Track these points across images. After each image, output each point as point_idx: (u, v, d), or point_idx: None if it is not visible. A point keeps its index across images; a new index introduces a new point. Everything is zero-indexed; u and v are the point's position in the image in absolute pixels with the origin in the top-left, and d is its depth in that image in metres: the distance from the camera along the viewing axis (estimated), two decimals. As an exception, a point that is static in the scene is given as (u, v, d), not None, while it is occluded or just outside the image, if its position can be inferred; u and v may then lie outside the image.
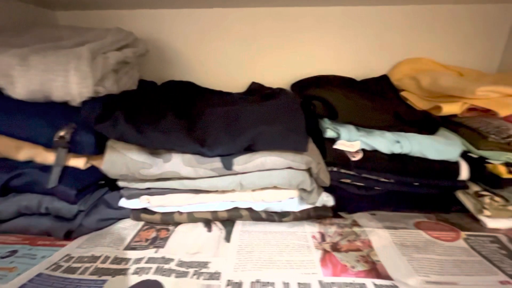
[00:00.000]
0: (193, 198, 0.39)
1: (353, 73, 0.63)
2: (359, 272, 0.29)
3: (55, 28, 0.50)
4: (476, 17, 0.60)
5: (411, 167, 0.39)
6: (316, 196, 0.38)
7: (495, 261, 0.31)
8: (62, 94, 0.36)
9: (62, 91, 0.36)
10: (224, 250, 0.33)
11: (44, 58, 0.35)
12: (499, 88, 0.39)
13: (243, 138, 0.34)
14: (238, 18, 0.63)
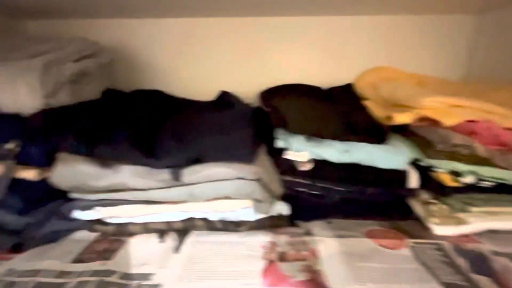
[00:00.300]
0: (146, 209, 0.39)
1: (321, 81, 0.64)
2: (298, 282, 0.29)
3: (13, 38, 0.50)
4: (438, 27, 0.62)
5: (360, 176, 0.40)
6: (268, 205, 0.38)
7: (432, 268, 0.31)
8: (12, 106, 0.36)
9: (11, 103, 0.36)
10: (171, 262, 0.33)
11: (-7, 71, 0.35)
12: (444, 99, 0.40)
13: (189, 150, 0.34)
14: (209, 28, 0.65)
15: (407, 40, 0.63)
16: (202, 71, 0.69)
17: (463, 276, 0.30)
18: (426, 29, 0.62)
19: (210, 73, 0.69)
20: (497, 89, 0.48)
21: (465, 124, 0.39)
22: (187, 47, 0.66)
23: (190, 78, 0.69)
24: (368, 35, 0.64)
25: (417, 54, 0.64)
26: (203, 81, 0.69)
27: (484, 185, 0.38)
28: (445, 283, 0.29)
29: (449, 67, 0.63)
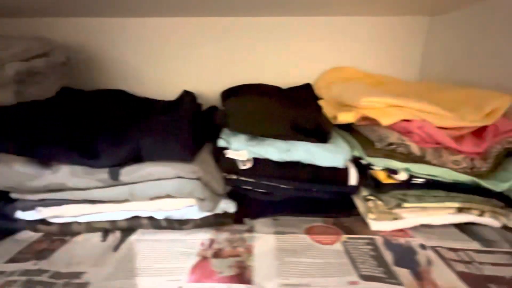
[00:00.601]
0: (90, 208, 0.39)
1: (282, 81, 0.65)
2: (223, 278, 0.30)
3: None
4: (394, 28, 0.63)
5: (302, 174, 0.41)
6: (210, 204, 0.39)
7: (357, 262, 0.33)
8: None
9: None
10: (106, 260, 0.34)
11: None
12: (383, 99, 0.41)
13: (125, 149, 0.34)
14: (173, 28, 0.64)
15: (366, 41, 0.65)
16: (170, 71, 0.69)
17: (385, 268, 0.32)
18: (383, 30, 0.63)
19: (178, 73, 0.69)
20: (443, 89, 0.50)
21: (401, 123, 0.40)
22: (156, 46, 0.66)
23: (158, 78, 0.69)
24: (328, 35, 0.65)
25: (376, 54, 0.65)
26: (171, 81, 0.69)
27: (417, 182, 0.39)
28: (364, 275, 0.30)
29: (405, 67, 0.65)
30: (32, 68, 0.45)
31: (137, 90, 0.65)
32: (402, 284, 0.29)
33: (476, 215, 0.40)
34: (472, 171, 0.40)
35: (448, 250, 0.35)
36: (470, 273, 0.31)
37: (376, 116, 0.41)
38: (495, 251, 0.36)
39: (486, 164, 0.40)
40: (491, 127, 0.41)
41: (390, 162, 0.39)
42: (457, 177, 0.40)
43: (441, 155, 0.40)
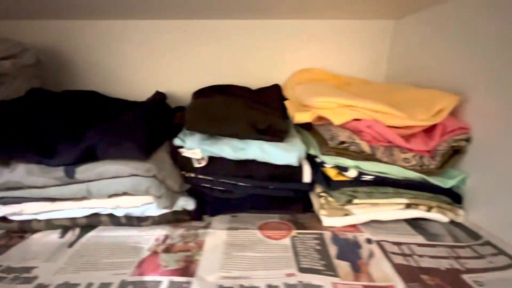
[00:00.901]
0: (49, 206, 0.40)
1: (254, 82, 0.67)
2: (168, 271, 0.31)
3: None
4: (361, 31, 0.65)
5: (258, 172, 0.42)
6: (166, 201, 0.40)
7: (300, 256, 0.34)
8: None
9: None
10: (59, 256, 0.35)
11: None
12: (335, 99, 0.43)
13: (80, 148, 0.36)
14: (142, 30, 0.66)
15: (336, 43, 0.66)
16: (145, 72, 0.70)
17: (326, 261, 0.33)
18: (352, 33, 0.65)
19: (150, 73, 0.70)
20: (401, 90, 0.51)
21: (352, 122, 0.42)
22: (129, 48, 0.67)
23: (132, 79, 0.70)
24: (299, 38, 0.66)
25: (346, 57, 0.67)
26: (146, 81, 0.70)
27: (366, 179, 0.41)
28: (302, 268, 0.32)
29: (373, 68, 0.67)
30: (-2, 70, 0.46)
31: (111, 91, 0.67)
32: (338, 276, 0.31)
33: (424, 210, 0.41)
34: (421, 169, 0.42)
35: (392, 244, 0.37)
36: (406, 265, 0.33)
37: (329, 116, 0.42)
38: (436, 245, 0.37)
39: (434, 162, 0.41)
40: (439, 126, 0.43)
41: (340, 160, 0.41)
42: (406, 174, 0.41)
43: (392, 153, 0.42)
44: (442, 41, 0.49)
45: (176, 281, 0.30)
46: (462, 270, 0.32)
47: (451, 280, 0.31)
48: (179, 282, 0.30)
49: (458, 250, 0.36)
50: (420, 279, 0.31)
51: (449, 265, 0.33)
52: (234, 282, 0.30)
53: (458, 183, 0.43)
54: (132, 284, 0.29)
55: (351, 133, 0.41)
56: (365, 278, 0.31)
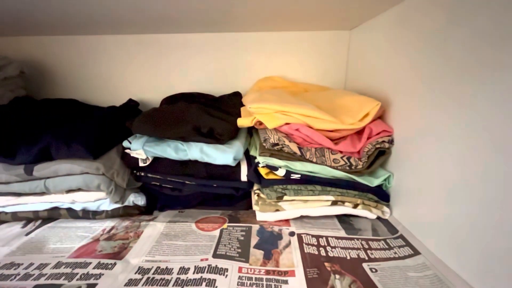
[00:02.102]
0: (14, 200, 0.45)
1: (220, 90, 0.72)
2: (100, 255, 0.36)
3: None
4: (320, 41, 0.69)
5: (201, 172, 0.46)
6: (116, 196, 0.45)
7: (220, 245, 0.38)
8: None
9: None
10: (15, 242, 0.40)
11: None
12: (268, 105, 0.47)
13: (36, 149, 0.41)
14: (117, 44, 0.72)
15: (298, 53, 0.71)
16: (119, 82, 0.76)
17: (243, 250, 0.37)
18: (313, 43, 0.69)
19: (125, 83, 0.76)
20: (343, 95, 0.55)
21: (284, 126, 0.46)
22: (103, 59, 0.74)
23: (108, 88, 0.76)
24: (264, 49, 0.71)
25: (308, 65, 0.71)
26: (120, 90, 0.76)
27: (295, 177, 0.44)
28: (217, 254, 0.36)
29: (334, 75, 0.71)
30: (-20, 81, 0.53)
31: (90, 99, 0.73)
32: (247, 262, 0.35)
33: (350, 207, 0.45)
34: (350, 169, 0.45)
35: (311, 236, 0.40)
36: (314, 254, 0.36)
37: (264, 120, 0.46)
38: (354, 238, 0.40)
39: (361, 162, 0.45)
40: (366, 130, 0.46)
41: (271, 160, 0.44)
42: (334, 174, 0.45)
43: (323, 154, 0.46)
44: (376, 51, 0.53)
45: (103, 262, 0.34)
46: (365, 259, 0.36)
47: (350, 266, 0.34)
48: (105, 263, 0.34)
49: (372, 242, 0.39)
50: (321, 265, 0.34)
51: (356, 255, 0.36)
52: (153, 264, 0.34)
53: (384, 182, 0.46)
54: (65, 264, 0.34)
55: (281, 136, 0.45)
56: (272, 264, 0.34)
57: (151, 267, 0.33)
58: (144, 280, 0.31)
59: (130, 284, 0.31)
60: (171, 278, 0.31)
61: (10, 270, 0.33)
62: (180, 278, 0.31)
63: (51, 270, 0.33)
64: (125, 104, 0.66)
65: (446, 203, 0.33)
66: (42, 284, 0.31)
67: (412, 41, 0.41)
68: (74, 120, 0.50)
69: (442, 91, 0.34)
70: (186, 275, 0.32)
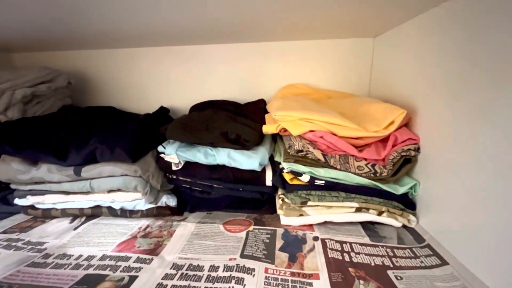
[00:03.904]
0: (64, 197, 0.51)
1: (245, 97, 0.75)
2: (139, 250, 0.39)
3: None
4: (344, 49, 0.70)
5: (228, 176, 0.49)
6: (151, 197, 0.49)
7: (247, 246, 0.40)
8: (-28, 121, 0.51)
9: (-28, 119, 0.50)
10: (65, 236, 0.45)
11: (-40, 96, 0.50)
12: (293, 113, 0.49)
13: (83, 153, 0.46)
14: (151, 55, 0.78)
15: (323, 61, 0.72)
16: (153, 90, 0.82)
17: (268, 252, 0.39)
18: (337, 51, 0.70)
19: (158, 91, 0.81)
20: (369, 103, 0.55)
21: (309, 133, 0.47)
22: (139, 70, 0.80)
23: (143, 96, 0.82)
24: (287, 57, 0.73)
25: (332, 72, 0.72)
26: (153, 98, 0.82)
27: (319, 183, 0.45)
28: (244, 254, 0.38)
29: (358, 82, 0.71)
30: (36, 92, 0.60)
31: (126, 107, 0.79)
32: (272, 263, 0.36)
33: (375, 214, 0.45)
34: (374, 176, 0.45)
35: (335, 242, 0.41)
36: (338, 259, 0.37)
37: (288, 128, 0.48)
38: (378, 245, 0.40)
39: (386, 170, 0.45)
40: (391, 137, 0.46)
41: (295, 166, 0.46)
42: (358, 181, 0.45)
43: (348, 161, 0.47)
44: (402, 58, 0.53)
45: (142, 257, 0.38)
46: (390, 266, 0.36)
47: (375, 273, 0.34)
48: (144, 258, 0.37)
49: (398, 250, 0.39)
50: (345, 270, 0.35)
51: (381, 262, 0.37)
52: (186, 261, 0.37)
53: (410, 190, 0.46)
54: (109, 257, 0.38)
55: (306, 143, 0.47)
56: (297, 267, 0.36)
57: (184, 264, 0.36)
58: (178, 275, 0.34)
59: (166, 278, 0.33)
60: (203, 274, 0.34)
61: (63, 260, 0.38)
62: (211, 275, 0.34)
63: (98, 261, 0.37)
64: (157, 111, 0.71)
65: (476, 212, 0.33)
66: (91, 273, 0.35)
67: (441, 48, 0.41)
68: (114, 125, 0.56)
69: (470, 99, 0.34)
70: (216, 272, 0.34)
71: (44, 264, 0.37)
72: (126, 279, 0.33)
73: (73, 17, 0.47)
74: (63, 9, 0.43)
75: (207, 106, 0.69)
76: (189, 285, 0.32)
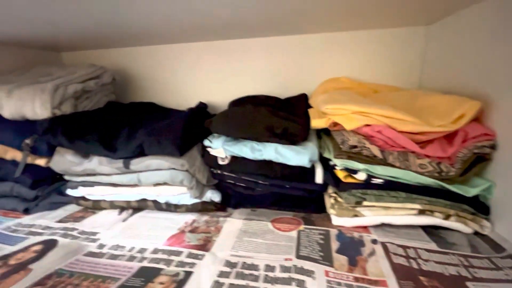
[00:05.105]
0: (113, 190, 0.52)
1: (287, 92, 0.72)
2: (190, 245, 0.39)
3: (48, 67, 0.69)
4: (391, 39, 0.65)
5: (274, 172, 0.47)
6: (197, 191, 0.48)
7: (301, 246, 0.38)
8: (31, 114, 0.53)
9: (30, 113, 0.53)
10: (116, 227, 0.45)
11: (21, 91, 0.53)
12: (346, 106, 0.45)
13: (132, 146, 0.46)
14: (185, 51, 0.78)
15: (367, 53, 0.67)
16: (191, 86, 0.82)
17: (325, 254, 0.36)
18: (383, 42, 0.65)
19: (196, 87, 0.82)
20: (426, 96, 0.50)
21: (364, 128, 0.44)
22: (178, 66, 0.81)
23: (181, 92, 0.83)
24: (331, 50, 0.69)
25: (378, 65, 0.67)
26: (192, 93, 0.82)
27: (376, 182, 0.42)
28: (300, 255, 0.35)
29: (407, 75, 0.66)
30: (85, 88, 0.62)
31: (166, 102, 0.80)
32: (332, 266, 0.34)
33: (441, 218, 0.40)
34: (440, 175, 0.41)
35: (397, 246, 0.38)
36: (405, 266, 0.33)
37: (341, 122, 0.45)
38: (448, 253, 0.36)
39: (454, 169, 0.40)
40: (460, 132, 0.42)
41: (350, 162, 0.43)
42: (421, 180, 0.41)
43: (407, 159, 0.43)
44: (472, 45, 0.48)
45: (193, 253, 0.37)
46: (468, 278, 0.32)
47: (450, 284, 0.31)
48: (195, 254, 0.37)
49: (473, 260, 0.35)
50: (416, 279, 0.31)
51: (456, 272, 0.33)
52: (239, 259, 0.35)
53: (483, 193, 0.40)
54: (161, 251, 0.37)
55: (361, 138, 0.43)
56: (359, 272, 0.33)
57: (238, 262, 0.35)
58: (234, 273, 0.32)
59: (222, 276, 0.32)
60: (259, 274, 0.32)
61: (117, 251, 0.38)
62: (268, 275, 0.32)
63: (150, 254, 0.37)
64: (197, 106, 0.70)
65: None
66: (146, 266, 0.34)
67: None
68: (158, 119, 0.56)
69: None
70: (274, 273, 0.32)
71: (100, 254, 0.37)
72: (182, 274, 0.32)
73: (116, 18, 0.48)
74: (106, 12, 0.45)
75: (247, 101, 0.67)
76: (247, 284, 0.30)
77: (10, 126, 0.54)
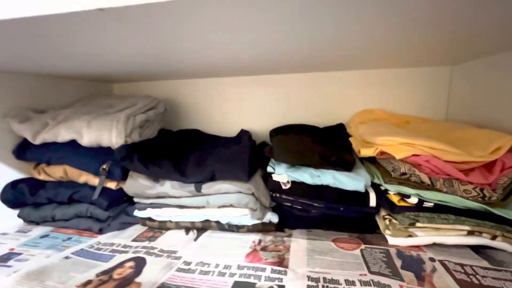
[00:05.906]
0: (179, 211, 0.57)
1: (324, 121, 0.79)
2: (269, 262, 0.43)
3: (107, 98, 0.77)
4: (421, 77, 0.74)
5: (330, 196, 0.52)
6: (259, 213, 0.53)
7: (369, 263, 0.42)
8: (107, 142, 0.59)
9: (107, 141, 0.59)
10: (190, 246, 0.50)
11: (98, 122, 0.60)
12: (394, 138, 0.52)
13: (205, 172, 0.52)
14: (229, 84, 0.86)
15: (399, 88, 0.76)
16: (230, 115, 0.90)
17: (392, 270, 0.41)
18: (413, 79, 0.74)
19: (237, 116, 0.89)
20: (459, 129, 0.57)
21: (411, 157, 0.50)
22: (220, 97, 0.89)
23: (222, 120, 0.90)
24: (361, 85, 0.78)
25: (406, 100, 0.75)
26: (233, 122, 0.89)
27: (427, 206, 0.47)
28: (372, 271, 0.40)
29: (433, 109, 0.73)
30: (147, 118, 0.69)
31: (209, 129, 0.87)
32: (403, 281, 0.38)
33: (488, 238, 0.45)
34: (483, 200, 0.47)
35: (455, 264, 0.42)
36: (469, 281, 0.38)
37: (391, 151, 0.51)
38: (501, 269, 0.41)
39: (496, 194, 0.46)
40: (498, 162, 0.48)
41: (402, 188, 0.49)
42: (467, 204, 0.47)
43: (452, 185, 0.48)
44: (503, 86, 0.55)
45: (275, 269, 0.41)
46: (526, 291, 0.36)
47: (513, 297, 0.35)
48: (278, 270, 0.41)
49: (525, 276, 0.39)
50: (481, 292, 0.36)
51: (513, 286, 0.37)
52: (319, 275, 0.40)
53: (524, 215, 0.46)
54: (246, 267, 0.42)
55: (411, 166, 0.50)
56: (428, 286, 0.37)
57: (318, 277, 0.39)
58: (320, 287, 0.37)
59: (310, 289, 0.37)
60: (344, 287, 0.37)
61: (204, 267, 0.43)
62: (352, 289, 0.37)
63: (237, 270, 0.41)
64: (239, 134, 0.77)
65: None
66: (239, 281, 0.39)
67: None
68: (216, 147, 0.62)
69: None
70: (355, 287, 0.37)
71: (190, 270, 0.42)
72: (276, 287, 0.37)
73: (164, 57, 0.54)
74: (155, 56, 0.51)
75: (288, 129, 0.75)
76: (338, 296, 0.35)
77: (88, 153, 0.60)
